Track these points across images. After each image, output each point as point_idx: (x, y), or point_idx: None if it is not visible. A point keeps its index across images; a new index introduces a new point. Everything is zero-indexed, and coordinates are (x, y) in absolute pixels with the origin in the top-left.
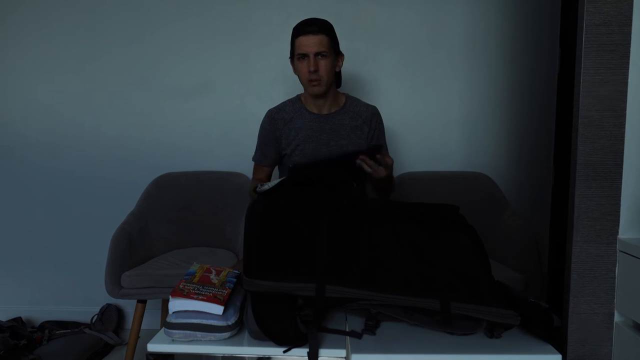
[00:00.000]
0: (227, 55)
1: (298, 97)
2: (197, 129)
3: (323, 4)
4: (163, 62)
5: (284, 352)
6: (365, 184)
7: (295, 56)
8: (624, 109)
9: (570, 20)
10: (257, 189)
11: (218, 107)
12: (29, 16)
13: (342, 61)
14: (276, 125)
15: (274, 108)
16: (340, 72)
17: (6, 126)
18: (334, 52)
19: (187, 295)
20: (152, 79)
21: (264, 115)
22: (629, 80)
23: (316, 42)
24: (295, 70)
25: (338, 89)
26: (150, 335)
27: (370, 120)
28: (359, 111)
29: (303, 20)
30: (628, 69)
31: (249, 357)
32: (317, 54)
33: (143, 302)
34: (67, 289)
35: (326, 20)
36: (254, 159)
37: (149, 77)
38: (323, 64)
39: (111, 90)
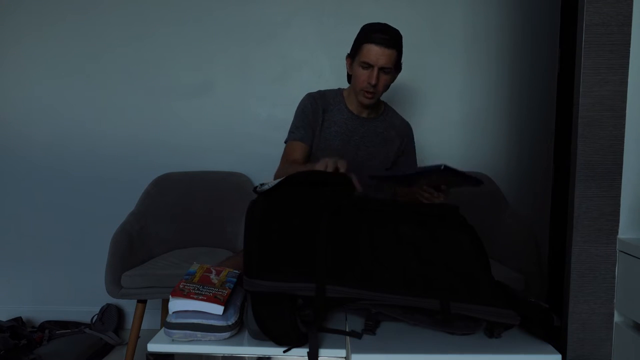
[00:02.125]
0: (228, 55)
1: (340, 91)
2: (197, 129)
3: (323, 4)
4: (163, 62)
5: (284, 352)
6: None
7: (359, 61)
8: (624, 109)
9: (570, 20)
10: (258, 189)
11: (218, 107)
12: (29, 16)
13: (399, 74)
14: (316, 107)
15: (314, 92)
16: None
17: (6, 126)
18: (396, 66)
19: (187, 295)
20: (153, 78)
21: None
22: (629, 80)
23: (386, 56)
24: (352, 72)
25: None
26: (151, 335)
27: (403, 135)
28: (394, 123)
29: (377, 25)
30: (628, 69)
31: (249, 357)
32: (382, 68)
33: (143, 302)
34: (68, 289)
35: (398, 31)
36: (293, 137)
37: (149, 77)
38: (384, 79)
39: (111, 90)
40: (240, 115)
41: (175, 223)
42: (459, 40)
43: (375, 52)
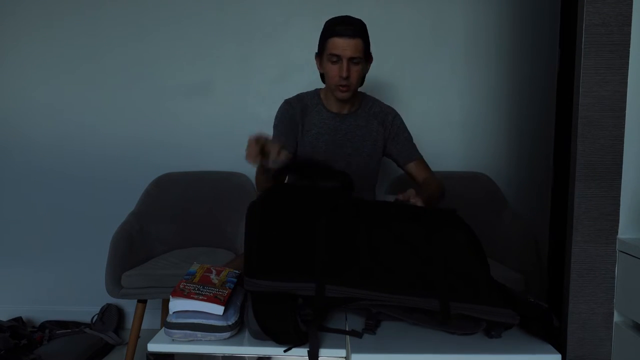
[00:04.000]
0: (228, 55)
1: (316, 92)
2: (197, 129)
3: (323, 4)
4: (163, 61)
5: (285, 351)
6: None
7: (326, 56)
8: (624, 109)
9: (570, 20)
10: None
11: (218, 107)
12: (28, 16)
13: (371, 64)
14: (294, 113)
15: (291, 97)
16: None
17: (5, 126)
18: (366, 56)
19: (187, 295)
20: (152, 78)
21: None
22: (629, 81)
23: (352, 46)
24: (323, 70)
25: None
26: (151, 335)
27: (385, 121)
28: (374, 112)
29: (338, 18)
30: (627, 69)
31: (249, 357)
32: (350, 59)
33: (143, 302)
34: (67, 289)
35: (362, 21)
36: None
37: (149, 77)
38: (355, 70)
39: (111, 90)
40: (240, 115)
41: (175, 223)
42: (459, 40)
43: (341, 44)
